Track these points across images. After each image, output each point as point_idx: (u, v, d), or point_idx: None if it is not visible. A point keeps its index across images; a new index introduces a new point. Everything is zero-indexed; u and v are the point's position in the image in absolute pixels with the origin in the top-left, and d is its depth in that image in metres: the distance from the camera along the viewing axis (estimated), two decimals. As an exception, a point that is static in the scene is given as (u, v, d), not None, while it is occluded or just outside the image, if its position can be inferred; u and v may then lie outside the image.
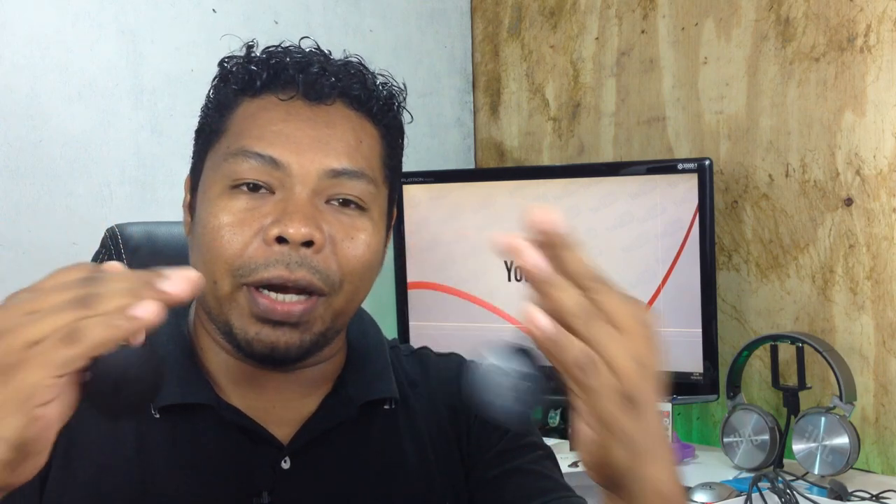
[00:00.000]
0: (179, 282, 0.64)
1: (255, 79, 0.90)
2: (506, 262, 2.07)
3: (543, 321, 0.64)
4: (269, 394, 0.92)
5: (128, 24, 1.94)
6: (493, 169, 2.44)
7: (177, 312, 0.95)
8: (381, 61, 0.98)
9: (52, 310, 0.61)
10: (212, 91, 0.95)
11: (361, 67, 0.94)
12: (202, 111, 0.95)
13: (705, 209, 1.89)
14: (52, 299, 0.61)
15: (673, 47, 2.14)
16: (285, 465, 0.89)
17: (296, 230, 0.84)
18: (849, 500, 1.63)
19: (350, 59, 0.94)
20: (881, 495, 1.64)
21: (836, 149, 1.89)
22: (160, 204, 1.95)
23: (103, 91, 1.91)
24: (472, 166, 2.51)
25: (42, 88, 1.83)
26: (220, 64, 0.94)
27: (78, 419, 0.86)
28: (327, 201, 0.88)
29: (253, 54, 0.93)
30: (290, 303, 0.85)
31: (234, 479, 0.89)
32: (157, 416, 0.89)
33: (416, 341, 1.81)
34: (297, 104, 0.89)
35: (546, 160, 2.38)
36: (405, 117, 0.98)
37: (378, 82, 0.94)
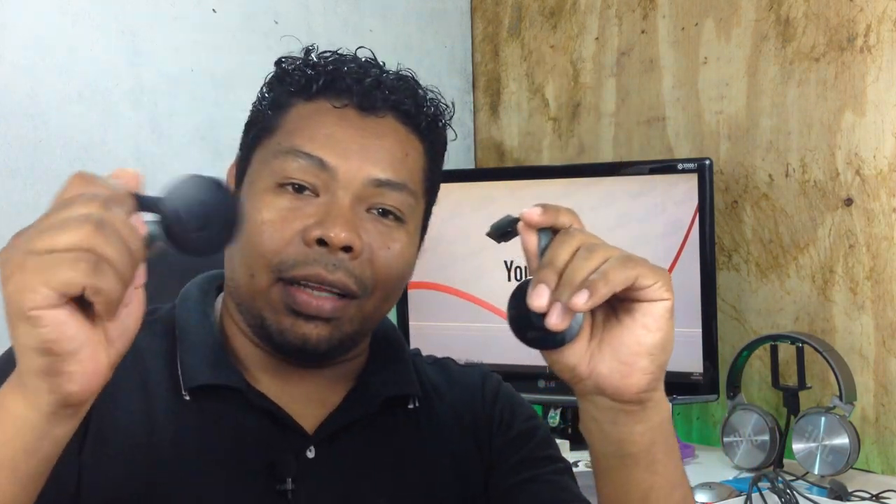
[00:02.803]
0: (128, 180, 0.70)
1: (312, 83, 0.93)
2: (505, 262, 2.07)
3: None
4: (294, 385, 0.94)
5: (128, 24, 1.94)
6: (493, 169, 2.44)
7: (204, 301, 0.98)
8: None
9: (70, 225, 0.62)
10: (266, 88, 0.97)
11: (413, 82, 0.97)
12: (254, 106, 0.97)
13: (705, 209, 1.89)
14: (72, 213, 0.63)
15: (673, 47, 2.14)
16: (310, 454, 0.91)
17: (336, 234, 0.86)
18: (849, 500, 1.63)
19: (403, 72, 0.97)
20: (881, 495, 1.64)
21: (836, 149, 1.90)
22: (160, 204, 1.95)
23: (103, 91, 1.91)
24: (472, 166, 2.51)
25: (42, 88, 1.83)
26: (277, 63, 0.97)
27: (110, 399, 0.87)
28: (368, 209, 0.90)
29: (310, 58, 0.95)
30: (323, 298, 0.88)
31: (259, 464, 0.90)
32: (188, 397, 0.91)
33: (415, 341, 1.81)
34: (349, 112, 0.92)
35: (546, 160, 2.38)
36: (450, 135, 1.01)
37: (427, 98, 0.97)
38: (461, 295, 2.11)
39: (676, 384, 1.95)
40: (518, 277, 2.06)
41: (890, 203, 1.83)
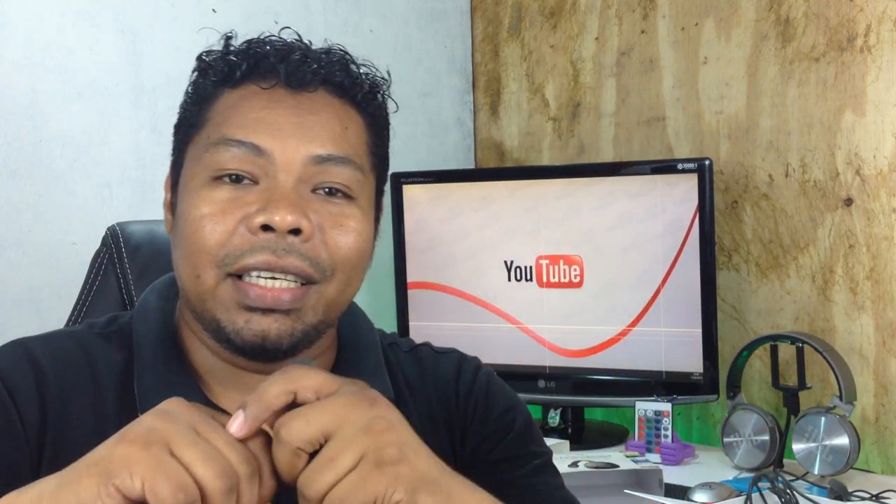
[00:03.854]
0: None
1: (235, 69, 0.88)
2: (505, 262, 2.07)
3: None
4: None
5: (128, 24, 1.94)
6: (493, 169, 2.44)
7: (164, 310, 0.93)
8: (381, 61, 0.97)
9: (211, 458, 0.63)
10: (190, 86, 0.93)
11: (344, 55, 0.92)
12: (181, 107, 0.93)
13: (705, 209, 1.89)
14: (221, 451, 0.65)
15: (673, 47, 2.14)
16: None
17: (282, 218, 0.81)
18: (849, 500, 1.63)
19: (332, 47, 0.92)
20: (881, 495, 1.64)
21: (836, 149, 1.90)
22: (160, 204, 1.94)
23: (103, 91, 1.91)
24: (472, 166, 2.51)
25: (42, 88, 1.83)
26: (199, 58, 0.93)
27: (65, 419, 0.84)
28: (314, 190, 0.86)
29: (231, 46, 0.91)
30: (279, 289, 0.83)
31: None
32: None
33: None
34: (278, 92, 0.87)
35: (546, 160, 2.38)
36: (390, 107, 0.96)
37: (361, 71, 0.92)
38: (461, 295, 2.11)
39: (676, 384, 1.95)
40: (518, 278, 2.06)
41: (890, 203, 1.83)
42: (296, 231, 0.83)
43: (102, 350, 0.91)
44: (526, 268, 2.06)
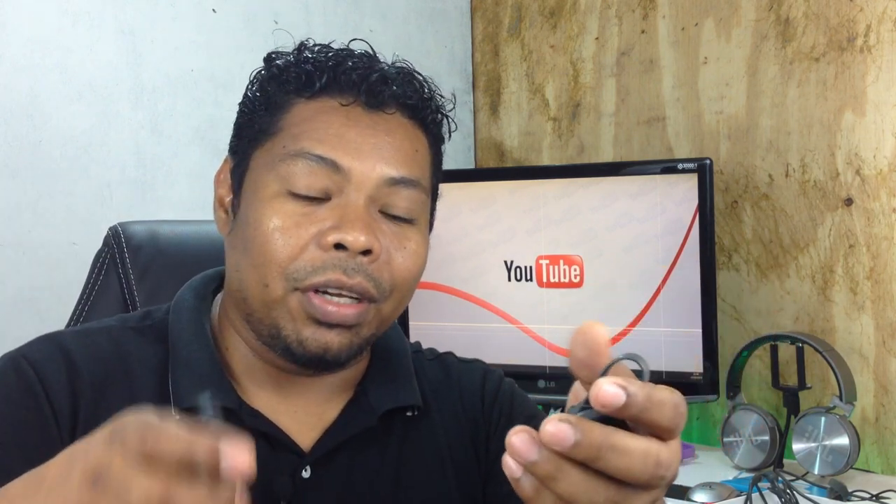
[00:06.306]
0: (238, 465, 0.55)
1: (314, 80, 0.89)
2: (506, 262, 2.07)
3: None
4: (291, 398, 0.92)
5: (128, 24, 1.94)
6: (493, 169, 2.44)
7: (199, 309, 0.94)
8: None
9: None
10: (257, 88, 0.93)
11: (415, 75, 0.95)
12: (245, 107, 0.93)
13: (705, 209, 1.89)
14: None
15: (673, 47, 2.14)
16: (305, 473, 0.89)
17: (355, 238, 0.84)
18: (849, 500, 1.63)
19: (401, 63, 0.95)
20: (881, 495, 1.64)
21: (836, 149, 1.90)
22: (160, 204, 1.95)
23: (103, 91, 1.91)
24: (472, 166, 2.51)
25: (42, 88, 1.83)
26: (268, 59, 0.93)
27: (97, 415, 0.85)
28: (379, 210, 0.88)
29: (305, 54, 0.92)
30: (345, 305, 0.85)
31: (253, 486, 0.87)
32: (178, 416, 0.87)
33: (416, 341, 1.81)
34: (356, 110, 0.89)
35: (546, 160, 2.38)
36: (450, 128, 0.99)
37: (429, 90, 0.95)
38: (461, 295, 2.11)
39: (676, 384, 1.95)
40: (518, 278, 2.06)
41: (890, 203, 1.83)
42: (366, 251, 0.85)
43: (137, 345, 0.92)
44: (526, 268, 2.06)
